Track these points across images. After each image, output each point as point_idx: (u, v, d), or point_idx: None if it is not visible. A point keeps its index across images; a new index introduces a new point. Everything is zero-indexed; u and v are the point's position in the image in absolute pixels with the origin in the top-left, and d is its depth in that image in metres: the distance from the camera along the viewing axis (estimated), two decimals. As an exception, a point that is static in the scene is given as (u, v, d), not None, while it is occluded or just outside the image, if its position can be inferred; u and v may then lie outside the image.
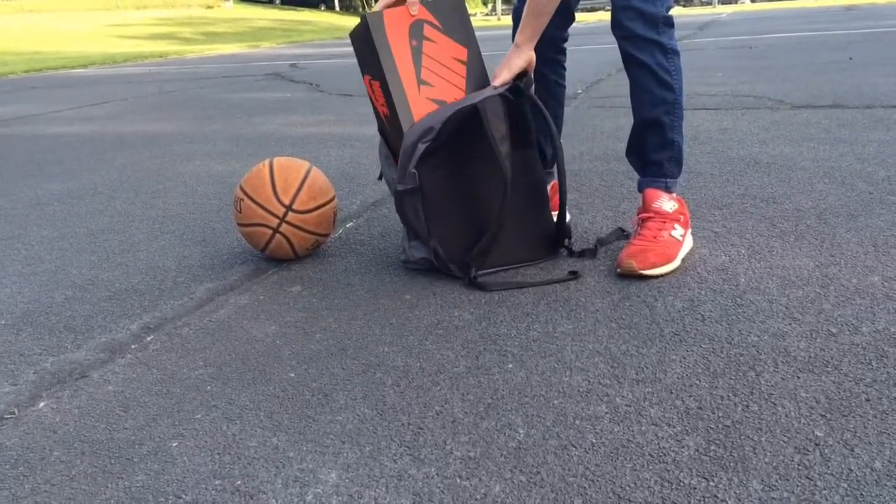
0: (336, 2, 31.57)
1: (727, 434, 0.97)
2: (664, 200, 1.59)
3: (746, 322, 1.28)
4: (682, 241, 1.57)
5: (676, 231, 1.56)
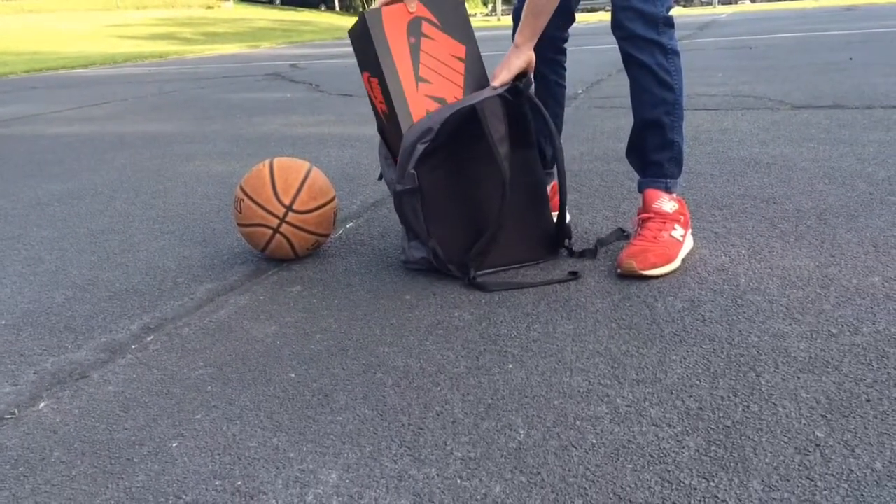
0: (336, 2, 31.57)
1: (728, 434, 0.97)
2: (664, 201, 1.59)
3: (747, 322, 1.28)
4: (683, 242, 1.57)
5: (677, 231, 1.56)
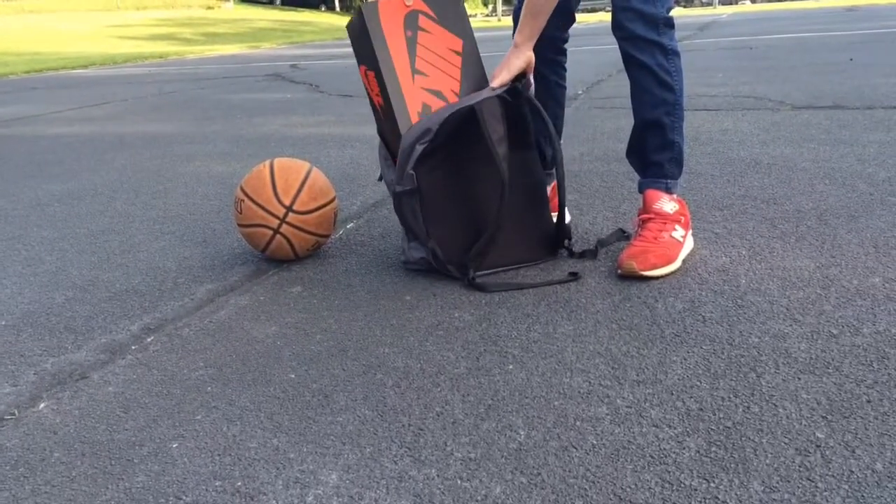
0: (336, 2, 31.59)
1: (728, 435, 0.97)
2: (665, 201, 1.58)
3: (747, 323, 1.28)
4: (683, 242, 1.57)
5: (677, 232, 1.56)
